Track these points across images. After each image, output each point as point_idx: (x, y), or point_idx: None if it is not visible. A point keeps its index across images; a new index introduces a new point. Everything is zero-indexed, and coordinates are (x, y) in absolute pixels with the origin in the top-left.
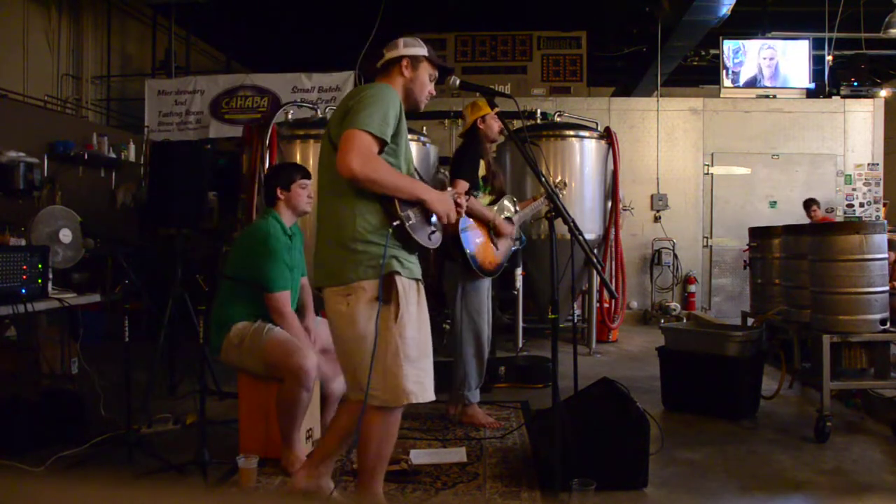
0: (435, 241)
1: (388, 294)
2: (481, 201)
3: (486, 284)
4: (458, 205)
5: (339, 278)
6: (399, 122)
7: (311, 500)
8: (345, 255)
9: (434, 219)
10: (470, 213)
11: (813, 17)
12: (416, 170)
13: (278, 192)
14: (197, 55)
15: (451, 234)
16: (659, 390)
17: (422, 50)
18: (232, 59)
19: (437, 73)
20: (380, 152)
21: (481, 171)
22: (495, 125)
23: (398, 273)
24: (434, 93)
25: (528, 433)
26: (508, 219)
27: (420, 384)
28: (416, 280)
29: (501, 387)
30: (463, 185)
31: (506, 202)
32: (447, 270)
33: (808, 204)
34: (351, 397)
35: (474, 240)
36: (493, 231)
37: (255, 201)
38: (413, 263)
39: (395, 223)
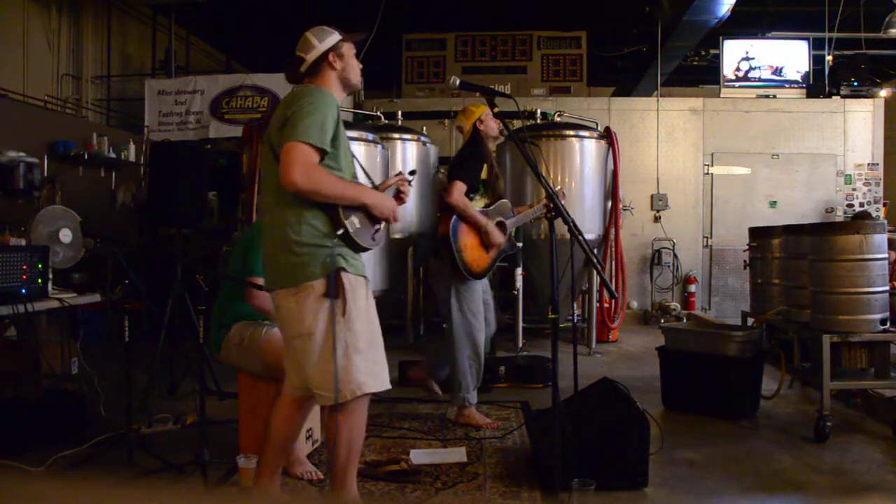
0: (378, 240)
1: (335, 290)
2: (477, 204)
3: (479, 284)
4: (402, 192)
5: (289, 280)
6: (337, 125)
7: (308, 500)
8: (293, 259)
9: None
10: (463, 217)
11: (813, 17)
12: (359, 164)
13: None
14: (197, 55)
15: (442, 234)
16: (659, 390)
17: (335, 35)
18: (232, 59)
19: (355, 47)
20: (321, 161)
21: (484, 174)
22: (493, 123)
23: (344, 270)
24: (361, 65)
25: (528, 433)
26: (501, 223)
27: (371, 374)
28: (363, 276)
29: (501, 387)
30: (459, 187)
31: (503, 205)
32: (435, 269)
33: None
34: (285, 393)
35: (464, 241)
36: (484, 237)
37: (255, 201)
38: (357, 260)
39: (339, 231)
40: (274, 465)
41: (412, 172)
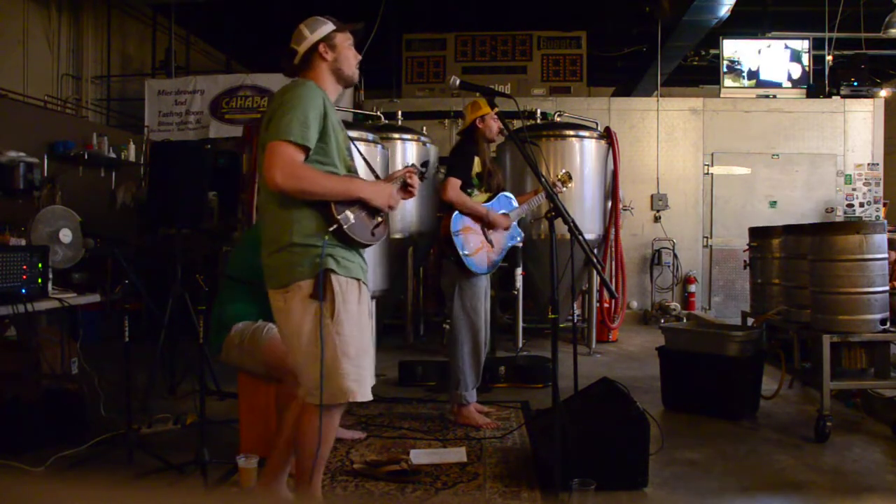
0: (379, 234)
1: (322, 291)
2: (478, 199)
3: (483, 283)
4: (409, 185)
5: (280, 280)
6: (325, 119)
7: (307, 500)
8: (285, 258)
9: (380, 211)
10: (463, 210)
11: (813, 17)
12: (361, 155)
13: None
14: (197, 55)
15: (444, 234)
16: (659, 390)
17: (328, 26)
18: (232, 59)
19: (352, 37)
20: (306, 158)
21: (476, 169)
22: (494, 125)
23: (333, 271)
24: (360, 56)
25: (528, 433)
26: (505, 214)
27: (359, 382)
28: (357, 279)
29: (501, 387)
30: (454, 183)
31: (504, 197)
32: (445, 269)
33: None
34: (298, 393)
35: (468, 238)
36: (486, 227)
37: (255, 201)
38: (351, 262)
39: (332, 227)
40: (283, 465)
41: (424, 164)
